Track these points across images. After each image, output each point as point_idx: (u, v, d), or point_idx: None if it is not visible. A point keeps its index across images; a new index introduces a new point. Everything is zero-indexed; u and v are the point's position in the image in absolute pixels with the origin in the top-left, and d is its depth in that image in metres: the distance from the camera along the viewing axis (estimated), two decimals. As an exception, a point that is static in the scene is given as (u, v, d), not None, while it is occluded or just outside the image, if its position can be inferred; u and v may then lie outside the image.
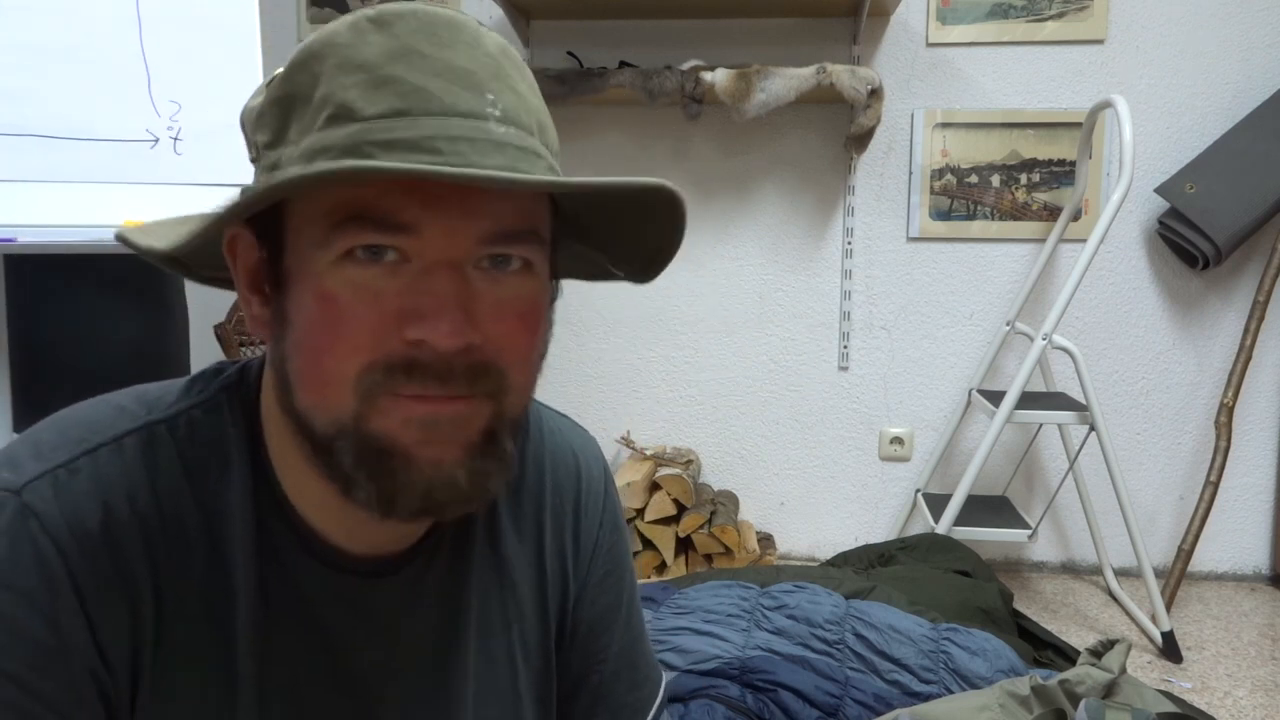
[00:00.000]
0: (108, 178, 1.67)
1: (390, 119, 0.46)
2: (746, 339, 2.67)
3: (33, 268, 1.65)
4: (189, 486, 0.53)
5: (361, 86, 0.47)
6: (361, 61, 0.47)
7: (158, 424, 0.54)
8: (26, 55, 1.62)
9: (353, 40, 0.48)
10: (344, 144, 0.46)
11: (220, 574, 0.53)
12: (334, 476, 0.51)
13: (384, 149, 0.46)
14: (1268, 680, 2.01)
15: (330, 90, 0.47)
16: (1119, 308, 2.54)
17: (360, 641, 0.58)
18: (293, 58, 0.50)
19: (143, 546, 0.51)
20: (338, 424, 0.49)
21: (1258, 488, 2.55)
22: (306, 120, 0.48)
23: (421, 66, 0.47)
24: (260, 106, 0.52)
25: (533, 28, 2.62)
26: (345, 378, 0.48)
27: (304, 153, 0.48)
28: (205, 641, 0.53)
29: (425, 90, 0.47)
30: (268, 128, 0.50)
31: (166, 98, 1.73)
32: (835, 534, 2.69)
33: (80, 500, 0.50)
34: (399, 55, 0.47)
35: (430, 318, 0.48)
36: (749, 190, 2.63)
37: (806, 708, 1.43)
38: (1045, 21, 2.48)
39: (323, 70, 0.48)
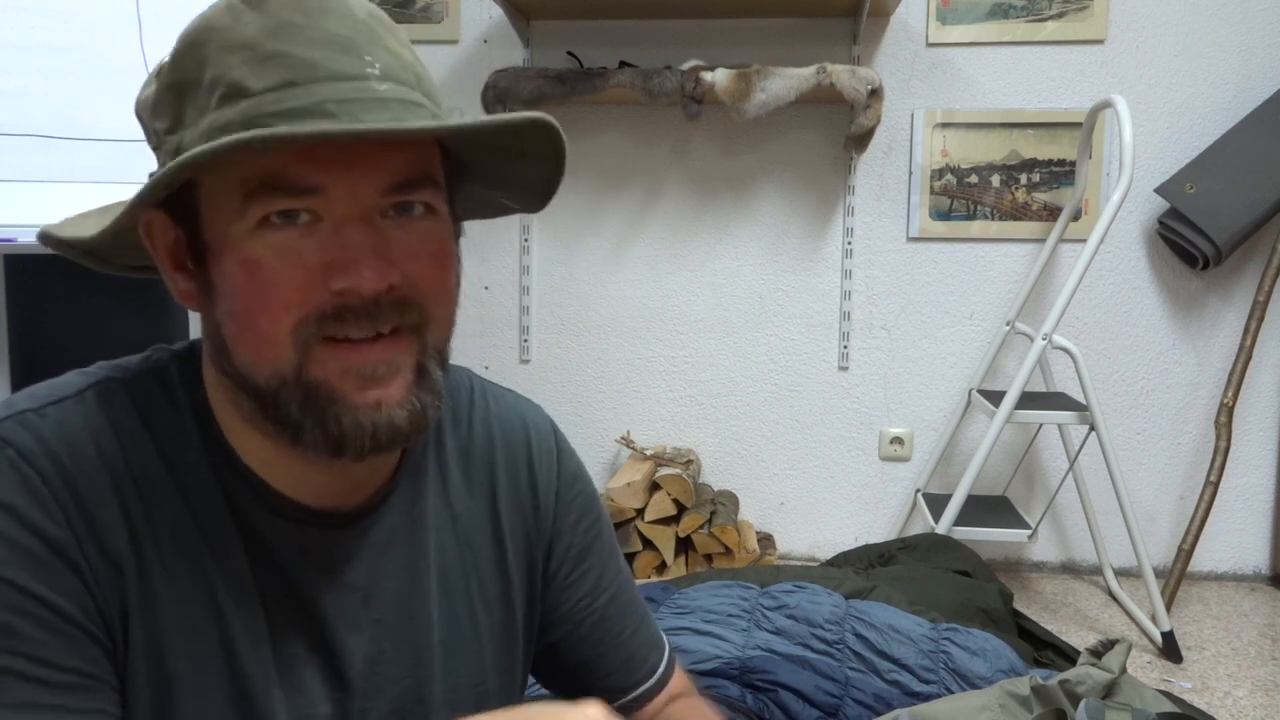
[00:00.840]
0: (108, 178, 1.67)
1: (281, 90, 0.49)
2: (746, 339, 2.67)
3: (33, 268, 1.65)
4: (149, 438, 0.56)
5: (248, 64, 0.49)
6: (243, 41, 0.50)
7: (113, 380, 0.58)
8: (27, 55, 1.62)
9: (230, 22, 0.51)
10: (241, 119, 0.49)
11: (192, 523, 0.56)
12: (282, 425, 0.54)
13: (280, 118, 0.48)
14: (1268, 680, 2.01)
15: (219, 71, 0.50)
16: (1119, 308, 2.54)
17: (327, 593, 0.60)
18: (176, 45, 0.52)
19: (111, 485, 0.54)
20: (279, 376, 0.53)
21: (1258, 488, 2.55)
22: (200, 102, 0.51)
23: (301, 39, 0.50)
24: (154, 95, 0.53)
25: (533, 28, 2.62)
26: (281, 333, 0.52)
27: (204, 132, 0.50)
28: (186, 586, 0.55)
29: (309, 60, 0.50)
30: (165, 114, 0.53)
31: (166, 98, 1.73)
32: (835, 534, 2.69)
33: (50, 435, 0.53)
34: (277, 31, 0.50)
35: (351, 267, 0.51)
36: (749, 190, 2.63)
37: (806, 708, 1.43)
38: (1045, 21, 2.48)
39: (207, 54, 0.50)
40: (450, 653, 0.65)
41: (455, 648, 0.66)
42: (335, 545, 0.60)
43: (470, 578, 0.67)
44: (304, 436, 0.54)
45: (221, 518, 0.57)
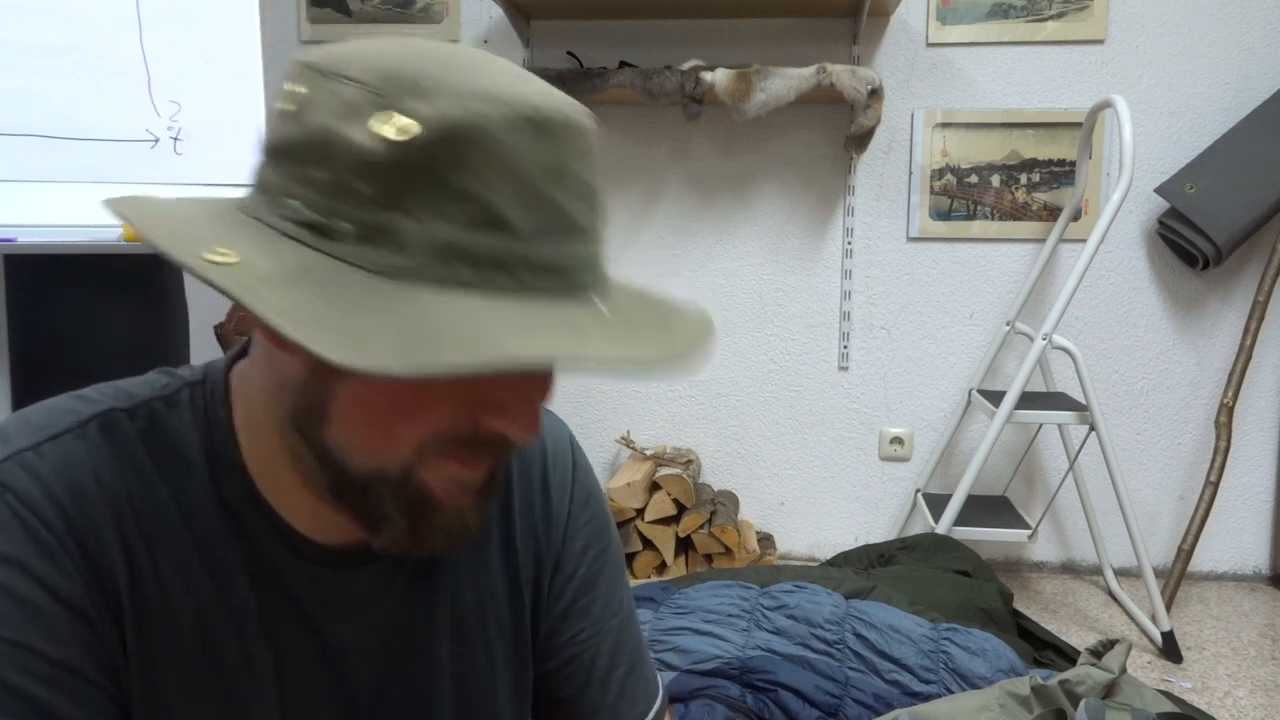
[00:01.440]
0: (108, 178, 1.67)
1: (538, 237, 0.46)
2: (746, 339, 2.67)
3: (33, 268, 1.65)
4: (154, 473, 0.54)
5: (518, 199, 0.45)
6: (520, 172, 0.45)
7: (118, 410, 0.54)
8: (27, 55, 1.62)
9: (511, 141, 0.45)
10: (491, 256, 0.45)
11: (198, 559, 0.54)
12: (359, 514, 0.52)
13: (529, 270, 0.46)
14: (1268, 680, 2.01)
15: (479, 190, 0.45)
16: (1119, 308, 2.54)
17: (339, 629, 0.59)
18: (432, 127, 0.44)
19: (113, 522, 0.52)
20: (380, 471, 0.50)
21: (1258, 488, 2.55)
22: (437, 202, 0.45)
23: (571, 188, 0.47)
24: (375, 154, 0.45)
25: (533, 28, 2.62)
26: (409, 442, 0.50)
27: (439, 246, 0.45)
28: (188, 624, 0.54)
29: (569, 214, 0.47)
30: (378, 182, 0.45)
31: (166, 98, 1.73)
32: (835, 534, 2.69)
33: (50, 477, 0.50)
34: (556, 174, 0.47)
35: (513, 415, 0.50)
36: (749, 190, 2.63)
37: (806, 708, 1.43)
38: (1045, 21, 2.48)
39: (471, 160, 0.45)
40: (462, 685, 0.65)
41: (469, 681, 0.65)
42: (350, 582, 0.59)
43: (485, 607, 0.66)
44: (384, 531, 0.52)
45: (230, 555, 0.55)
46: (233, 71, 1.78)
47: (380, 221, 0.45)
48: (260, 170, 0.50)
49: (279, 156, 0.48)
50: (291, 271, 0.44)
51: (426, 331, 0.42)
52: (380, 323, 0.42)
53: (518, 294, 0.45)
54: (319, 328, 0.42)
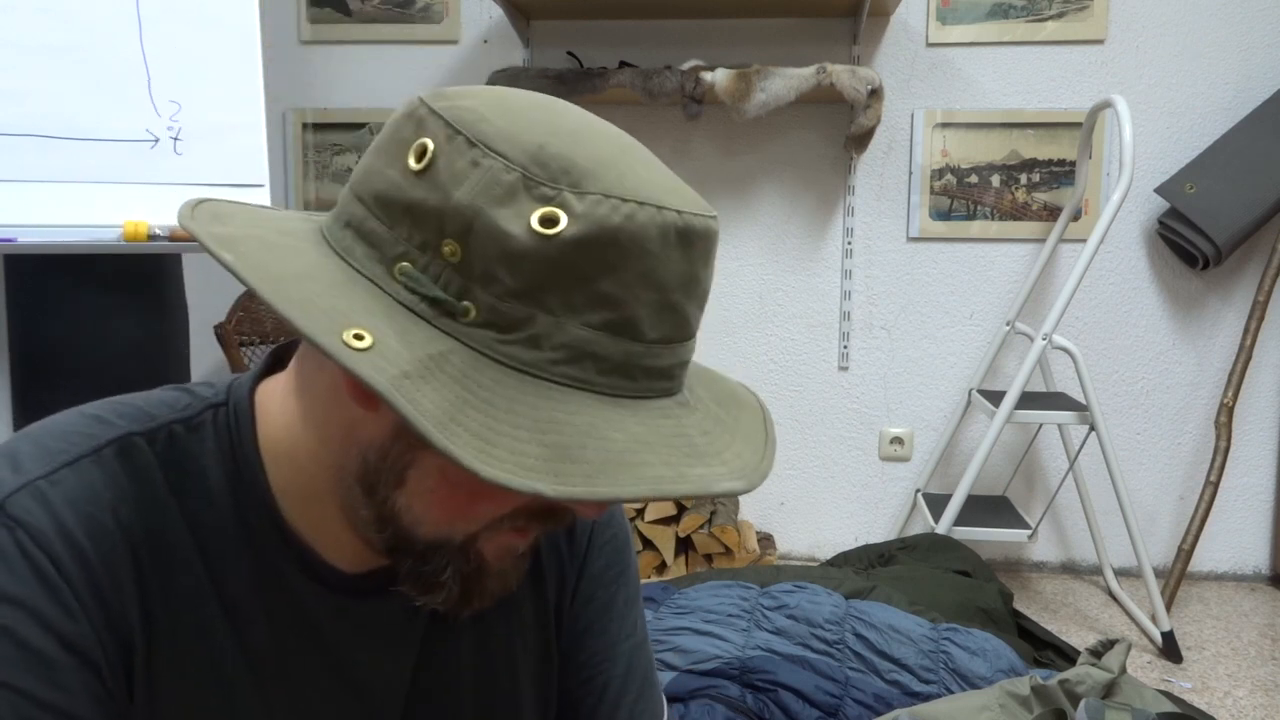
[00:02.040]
0: (108, 178, 1.67)
1: (661, 345, 0.47)
2: (746, 339, 2.67)
3: (33, 268, 1.65)
4: (171, 501, 0.52)
5: (652, 307, 0.45)
6: (661, 281, 0.45)
7: (137, 435, 0.52)
8: (26, 55, 1.62)
9: (660, 253, 0.45)
10: (619, 360, 0.45)
11: (212, 592, 0.53)
12: (413, 575, 0.52)
13: (646, 374, 0.46)
14: (1268, 680, 2.01)
15: (622, 296, 0.44)
16: (1119, 308, 2.54)
17: (364, 657, 0.58)
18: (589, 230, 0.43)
19: (129, 557, 0.50)
20: (443, 540, 0.50)
21: (1258, 488, 2.55)
22: (577, 303, 0.44)
23: (694, 296, 0.48)
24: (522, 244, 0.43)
25: (533, 28, 2.62)
26: (486, 519, 0.50)
27: (573, 345, 0.44)
28: (199, 657, 0.52)
29: (688, 320, 0.48)
30: (521, 276, 0.43)
31: (166, 98, 1.73)
32: (835, 534, 2.69)
33: (64, 510, 0.48)
34: (689, 285, 0.47)
35: None
36: (749, 190, 2.63)
37: (806, 708, 1.43)
38: (1045, 21, 2.48)
39: (622, 268, 0.44)
40: (489, 713, 0.64)
41: (496, 708, 0.64)
42: (376, 611, 0.58)
43: (513, 633, 0.65)
44: (434, 593, 0.52)
45: (249, 588, 0.53)
46: (233, 71, 1.78)
47: (516, 313, 0.44)
48: (362, 217, 0.47)
49: (399, 214, 0.45)
50: (427, 360, 0.43)
51: (568, 448, 0.42)
52: (516, 426, 0.42)
53: (633, 396, 0.46)
54: (461, 431, 0.41)
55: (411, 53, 2.68)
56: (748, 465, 0.47)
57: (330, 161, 2.72)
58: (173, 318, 1.83)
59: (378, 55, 2.69)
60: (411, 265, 0.45)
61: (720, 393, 0.54)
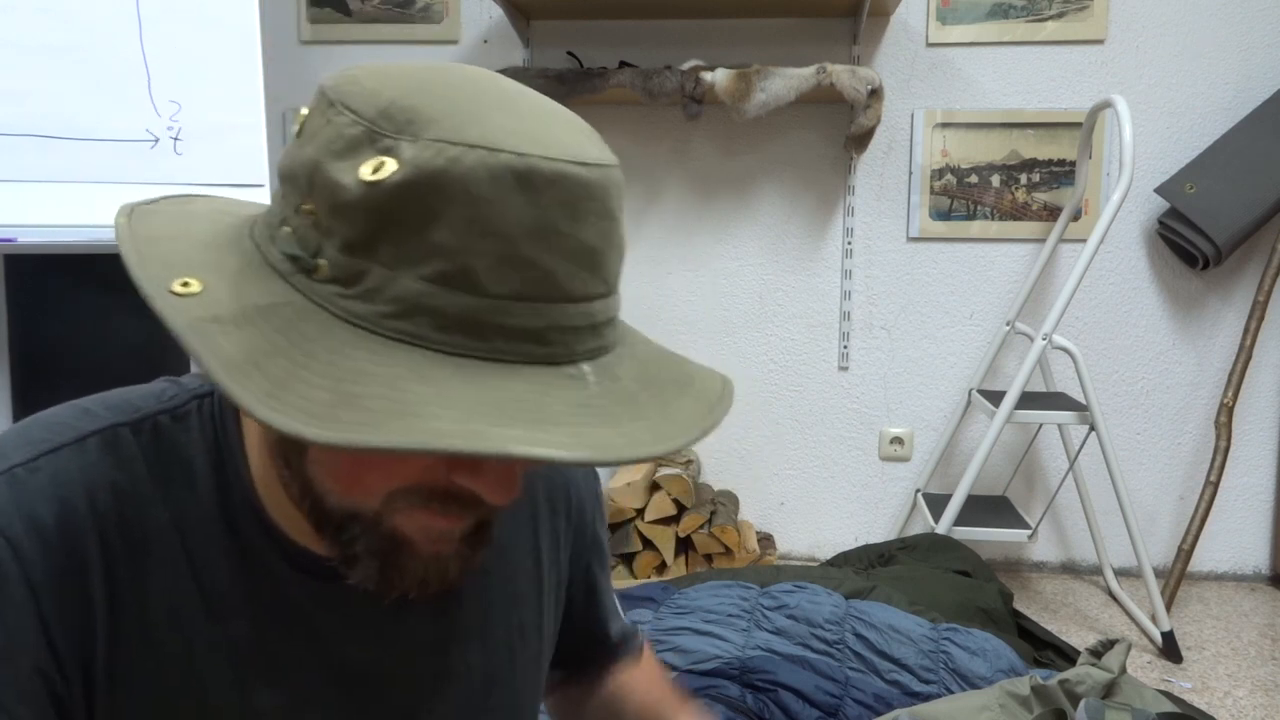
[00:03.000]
0: (108, 178, 1.67)
1: (512, 301, 0.43)
2: (746, 339, 2.67)
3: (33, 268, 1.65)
4: (154, 491, 0.52)
5: (492, 259, 0.42)
6: (499, 230, 0.42)
7: (122, 426, 0.52)
8: (26, 55, 1.62)
9: (492, 196, 0.42)
10: (457, 315, 0.42)
11: (193, 582, 0.52)
12: (334, 547, 0.50)
13: (500, 334, 0.43)
14: (1268, 680, 2.01)
15: (453, 245, 0.42)
16: (1119, 308, 2.54)
17: (353, 646, 0.57)
18: (410, 175, 0.42)
19: (100, 549, 0.49)
20: (354, 513, 0.49)
21: (1258, 488, 2.55)
22: (409, 253, 0.42)
23: (557, 248, 0.43)
24: (353, 196, 0.43)
25: (533, 28, 2.62)
26: (378, 492, 0.48)
27: (404, 298, 0.42)
28: (174, 651, 0.52)
29: (554, 276, 0.43)
30: (352, 225, 0.43)
31: (166, 98, 1.73)
32: (835, 534, 2.69)
33: (36, 497, 0.48)
34: (539, 233, 0.43)
35: (483, 477, 0.47)
36: (749, 190, 2.63)
37: (806, 708, 1.43)
38: (1045, 21, 2.48)
39: (446, 213, 0.42)
40: (485, 695, 0.63)
41: (489, 690, 0.64)
42: (360, 598, 0.56)
43: (511, 614, 0.65)
44: (355, 568, 0.50)
45: (230, 576, 0.53)
46: (233, 71, 1.78)
47: (355, 267, 0.43)
48: (273, 191, 0.49)
49: (282, 180, 0.47)
50: (255, 310, 0.43)
51: (358, 396, 0.39)
52: (322, 375, 0.40)
53: (489, 361, 0.43)
54: (257, 374, 0.40)
55: (411, 53, 2.68)
56: (599, 441, 0.41)
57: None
58: (173, 318, 1.83)
59: (378, 55, 2.69)
60: (288, 227, 0.45)
61: (661, 377, 0.49)
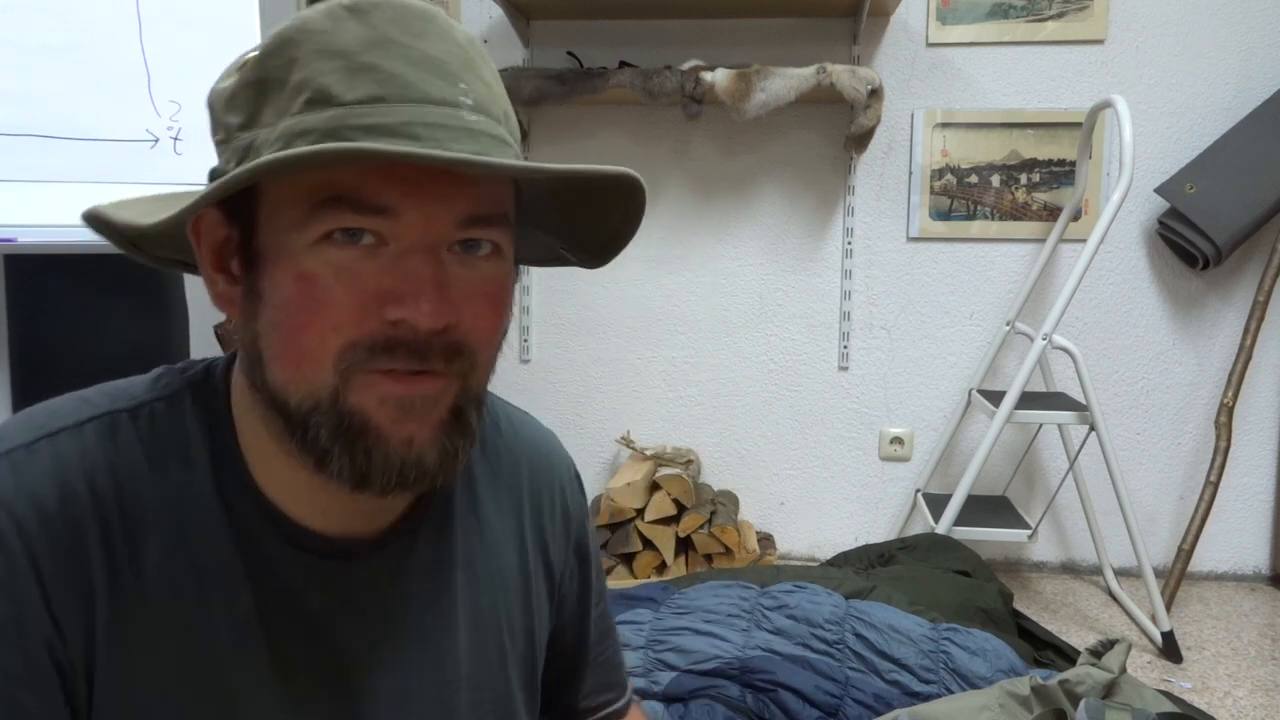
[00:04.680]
0: (108, 178, 1.67)
1: (369, 104, 0.47)
2: (746, 339, 2.67)
3: (33, 268, 1.65)
4: (150, 474, 0.53)
5: (340, 72, 0.48)
6: (340, 48, 0.48)
7: (119, 412, 0.54)
8: (26, 55, 1.62)
9: (329, 27, 0.49)
10: (324, 127, 0.47)
11: (188, 563, 0.53)
12: (307, 451, 0.52)
13: (364, 133, 0.47)
14: (1268, 680, 2.01)
15: (308, 75, 0.48)
16: (1119, 308, 2.54)
17: (346, 627, 0.58)
18: (266, 43, 0.50)
19: (98, 526, 0.51)
20: (314, 399, 0.51)
21: (1258, 488, 2.55)
22: (282, 103, 0.49)
23: (398, 55, 0.49)
24: (232, 88, 0.51)
25: (533, 28, 2.62)
26: (325, 355, 0.50)
27: (282, 135, 0.48)
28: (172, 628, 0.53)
29: (403, 78, 0.48)
30: (240, 109, 0.51)
31: (166, 98, 1.73)
32: (835, 534, 2.69)
33: (37, 478, 0.50)
34: (376, 43, 0.48)
35: (410, 299, 0.49)
36: (749, 190, 2.63)
37: (806, 708, 1.43)
38: (1045, 21, 2.48)
39: (299, 55, 0.49)
40: (477, 688, 0.63)
41: (482, 682, 0.64)
42: (355, 578, 0.58)
43: (499, 610, 0.66)
44: (330, 465, 0.51)
45: (228, 555, 0.54)
46: (233, 71, 1.78)
47: (244, 142, 0.50)
48: None
49: None
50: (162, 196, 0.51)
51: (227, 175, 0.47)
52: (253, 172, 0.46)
53: None
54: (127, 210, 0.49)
55: (411, 53, 2.68)
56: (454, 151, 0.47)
57: (330, 161, 2.72)
58: (173, 318, 1.83)
59: (378, 55, 2.69)
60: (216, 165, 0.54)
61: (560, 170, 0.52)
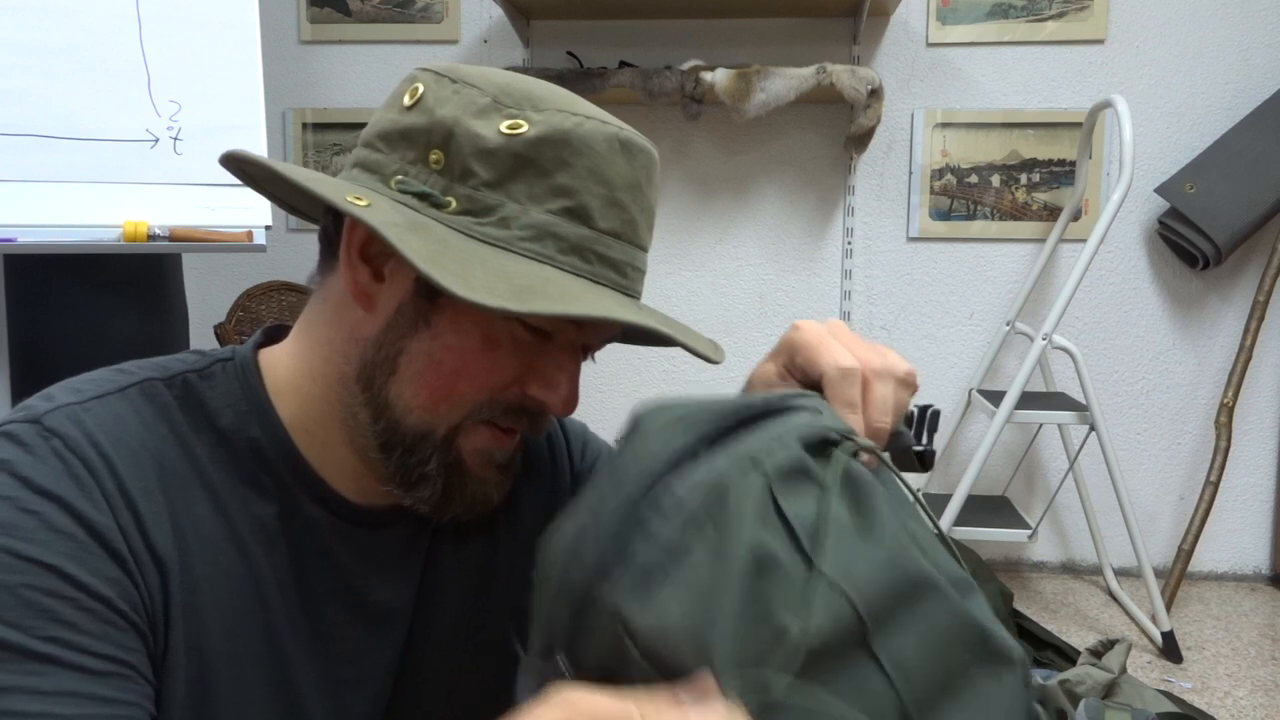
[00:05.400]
0: (108, 178, 1.67)
1: (610, 237, 0.55)
2: (746, 339, 2.67)
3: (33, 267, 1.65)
4: (191, 435, 0.57)
5: (602, 200, 0.54)
6: (608, 178, 0.55)
7: (155, 380, 0.58)
8: (26, 55, 1.62)
9: (606, 153, 0.55)
10: (575, 241, 0.54)
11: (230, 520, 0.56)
12: (402, 471, 0.57)
13: (599, 260, 0.55)
14: (1268, 680, 2.01)
15: (576, 186, 0.54)
16: (1119, 308, 2.54)
17: (372, 582, 0.61)
18: (545, 132, 0.53)
19: (155, 475, 0.54)
20: (430, 428, 0.56)
21: (1258, 488, 2.55)
22: (537, 191, 0.53)
23: (639, 202, 0.56)
24: (490, 139, 0.54)
25: (533, 28, 2.62)
26: (467, 402, 0.56)
27: (535, 226, 0.53)
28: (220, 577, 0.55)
29: (635, 222, 0.56)
30: (492, 169, 0.54)
31: (166, 98, 1.73)
32: (835, 534, 2.69)
33: (94, 426, 0.53)
34: (631, 186, 0.56)
35: (556, 387, 0.58)
36: (749, 190, 2.63)
37: (806, 708, 1.42)
38: (1045, 21, 2.48)
39: (574, 163, 0.54)
40: (495, 648, 0.67)
41: (493, 646, 0.67)
42: (382, 541, 0.62)
43: (516, 570, 0.68)
44: (421, 490, 0.57)
45: (266, 514, 0.57)
46: (233, 71, 1.78)
47: (489, 201, 0.53)
48: (364, 155, 0.57)
49: (395, 140, 0.55)
50: (419, 223, 0.52)
51: (532, 287, 0.50)
52: (488, 274, 0.50)
53: (590, 281, 0.54)
54: (442, 270, 0.49)
55: (411, 52, 2.68)
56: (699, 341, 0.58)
57: (330, 161, 2.72)
58: (172, 317, 1.83)
59: (378, 55, 2.69)
60: (405, 177, 0.55)
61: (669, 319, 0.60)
